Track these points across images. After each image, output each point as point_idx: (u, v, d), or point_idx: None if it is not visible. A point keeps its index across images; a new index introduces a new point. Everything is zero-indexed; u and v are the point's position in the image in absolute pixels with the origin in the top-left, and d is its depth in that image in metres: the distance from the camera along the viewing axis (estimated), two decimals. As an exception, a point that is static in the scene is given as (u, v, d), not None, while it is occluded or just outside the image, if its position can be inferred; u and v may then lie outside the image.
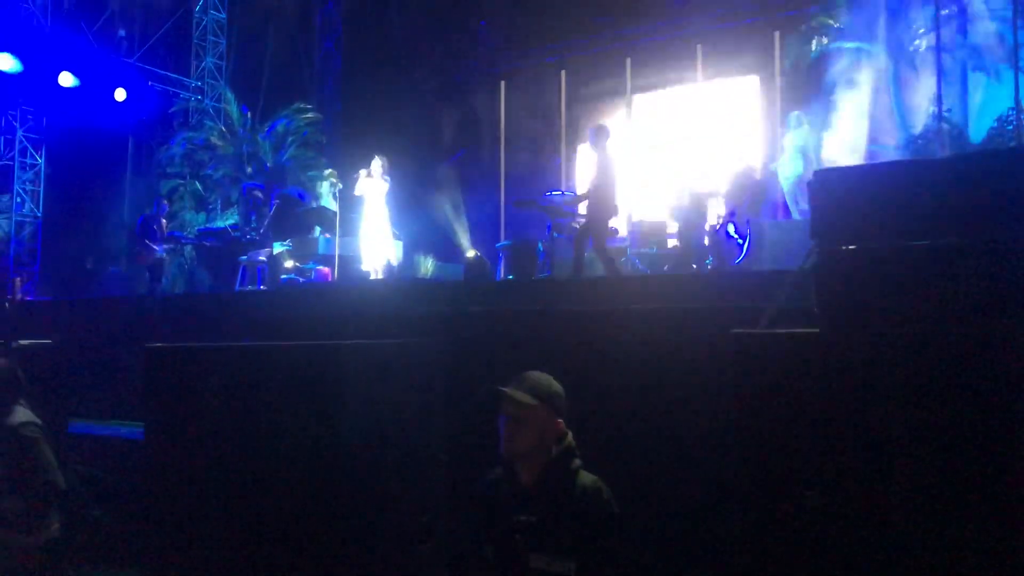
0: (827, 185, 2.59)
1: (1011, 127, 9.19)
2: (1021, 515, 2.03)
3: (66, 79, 13.66)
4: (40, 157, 15.24)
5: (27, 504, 4.16)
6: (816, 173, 2.61)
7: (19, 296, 12.42)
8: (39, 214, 15.28)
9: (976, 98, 10.38)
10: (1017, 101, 8.91)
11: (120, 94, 14.51)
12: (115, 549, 4.98)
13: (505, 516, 2.63)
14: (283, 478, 3.51)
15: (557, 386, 2.71)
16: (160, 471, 3.93)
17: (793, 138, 9.75)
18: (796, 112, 9.96)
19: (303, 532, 3.44)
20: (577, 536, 2.50)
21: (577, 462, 2.65)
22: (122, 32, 15.81)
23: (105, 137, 15.13)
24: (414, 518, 3.68)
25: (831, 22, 11.07)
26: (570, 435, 2.69)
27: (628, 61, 13.45)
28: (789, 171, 9.60)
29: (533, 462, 2.64)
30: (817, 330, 2.42)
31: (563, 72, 14.10)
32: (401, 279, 9.28)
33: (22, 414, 4.26)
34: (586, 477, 2.63)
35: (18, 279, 13.69)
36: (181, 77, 16.54)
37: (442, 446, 3.90)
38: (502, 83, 14.35)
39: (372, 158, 9.98)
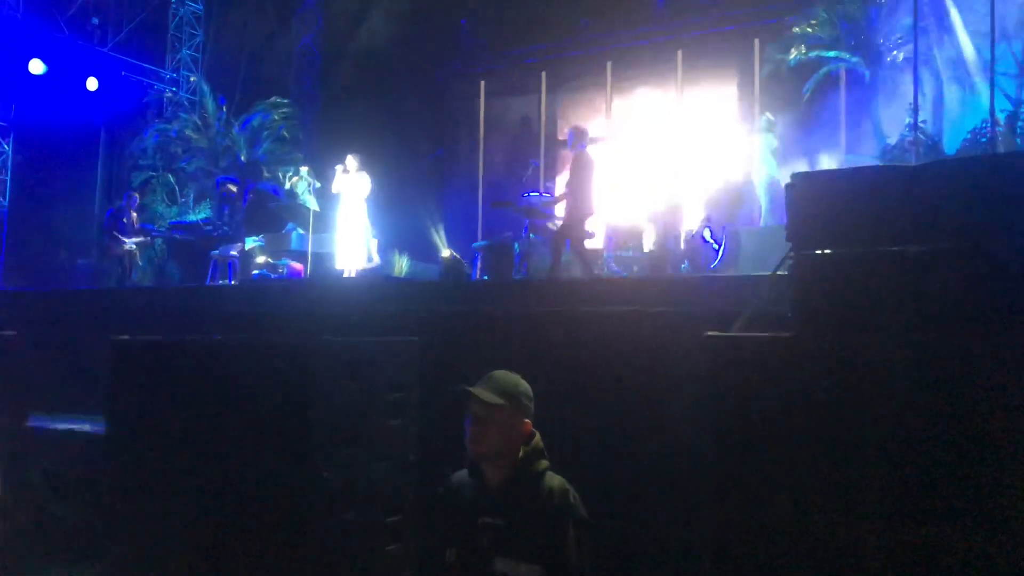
0: (803, 189, 2.58)
1: (984, 139, 9.30)
2: (993, 519, 2.02)
3: (36, 66, 13.43)
4: (7, 145, 14.95)
5: None
6: (793, 177, 2.60)
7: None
8: (4, 203, 14.98)
9: (951, 111, 10.51)
10: (992, 114, 9.02)
11: (92, 83, 14.30)
12: (76, 546, 4.88)
13: (470, 518, 2.58)
14: (250, 475, 3.44)
15: (525, 386, 2.67)
16: (123, 467, 3.85)
17: (763, 141, 9.79)
18: (766, 114, 9.99)
19: (269, 530, 3.38)
20: (543, 539, 2.46)
21: (544, 463, 2.61)
22: (95, 20, 15.56)
23: (76, 127, 14.88)
24: (383, 518, 3.63)
25: (810, 31, 11.15)
26: (538, 436, 2.65)
27: (609, 64, 13.48)
28: (762, 174, 9.64)
29: (500, 463, 2.59)
30: (791, 334, 2.41)
31: (543, 73, 14.09)
32: (375, 277, 9.20)
33: None
34: (553, 479, 2.59)
35: (-18, 269, 13.43)
36: (156, 68, 16.31)
37: (413, 446, 3.85)
38: (482, 83, 14.32)
39: (346, 154, 9.92)
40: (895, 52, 10.66)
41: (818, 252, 2.48)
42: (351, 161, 9.80)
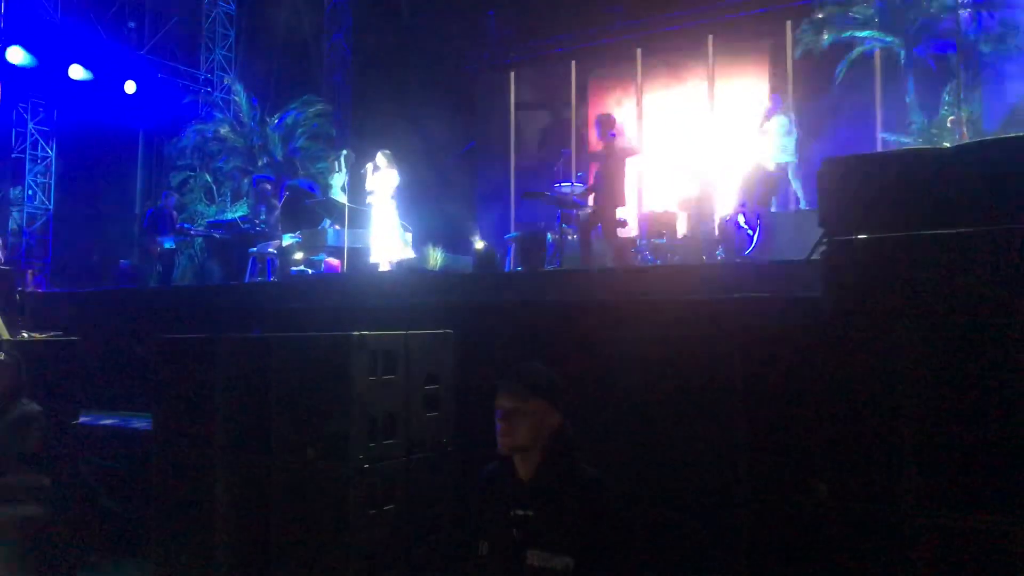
0: (835, 174, 2.56)
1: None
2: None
3: (77, 72, 13.72)
4: (51, 150, 15.31)
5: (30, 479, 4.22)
6: (824, 161, 2.58)
7: (31, 288, 12.49)
8: (50, 207, 15.36)
9: (991, 87, 10.25)
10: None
11: (130, 86, 14.55)
12: (126, 539, 5.02)
13: (503, 511, 2.58)
14: (292, 468, 3.52)
15: (554, 377, 2.66)
16: (169, 462, 3.95)
17: (777, 122, 9.68)
18: (778, 93, 9.87)
19: (312, 522, 3.45)
20: (575, 531, 2.45)
21: (576, 455, 2.60)
22: (132, 24, 15.83)
23: (115, 129, 15.19)
24: (422, 509, 3.68)
25: (843, 11, 10.94)
26: (569, 428, 2.64)
27: (639, 51, 13.38)
28: (782, 157, 9.55)
29: (531, 456, 2.58)
30: (824, 320, 2.40)
31: (573, 63, 14.04)
32: (410, 270, 9.26)
33: (28, 407, 4.30)
34: (585, 471, 2.57)
35: (30, 271, 13.77)
36: (191, 69, 16.55)
37: (450, 437, 3.89)
38: (512, 74, 14.31)
39: (377, 151, 9.99)
40: (931, 30, 10.42)
41: (852, 237, 2.46)
42: (381, 158, 9.87)
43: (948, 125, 9.54)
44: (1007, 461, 2.03)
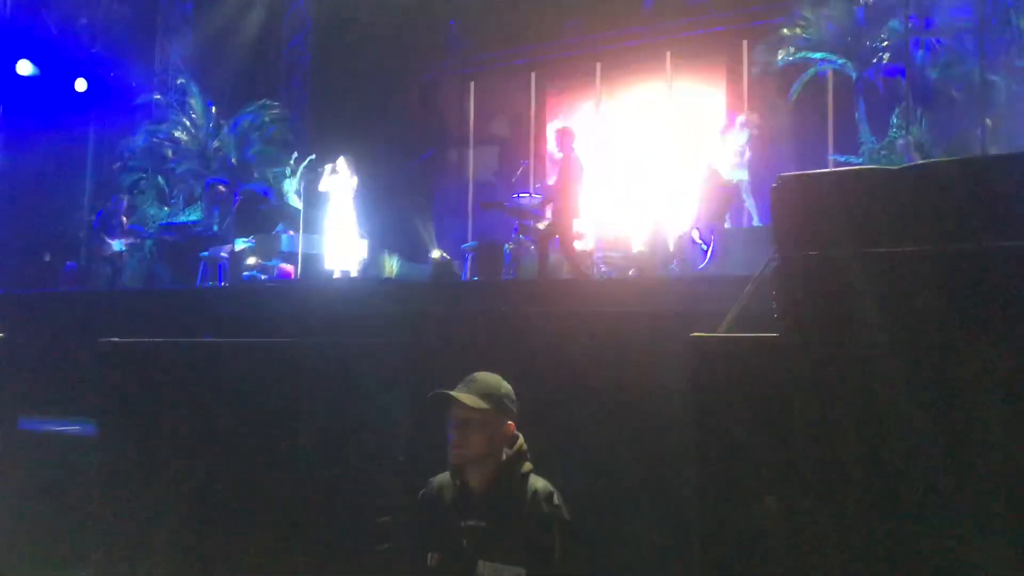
0: (788, 191, 2.59)
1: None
2: (979, 523, 2.05)
3: (24, 67, 13.37)
4: (-4, 147, 14.88)
5: None
6: (778, 178, 2.61)
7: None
8: (-8, 204, 14.91)
9: (938, 112, 10.55)
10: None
11: (81, 84, 14.22)
12: (63, 548, 4.87)
13: (453, 521, 2.57)
14: (239, 477, 3.45)
15: (507, 387, 2.64)
16: (111, 469, 3.85)
17: (736, 140, 9.82)
18: (741, 116, 10.01)
19: (259, 532, 3.38)
20: (527, 542, 2.45)
21: (528, 466, 2.59)
22: (83, 20, 15.49)
23: (65, 128, 14.81)
24: (372, 519, 3.64)
25: (797, 32, 11.20)
26: (521, 438, 2.62)
27: (598, 65, 13.51)
28: (732, 172, 9.67)
29: (483, 466, 2.57)
30: (777, 335, 2.43)
31: (533, 74, 14.11)
32: (365, 278, 9.20)
33: None
34: (537, 481, 2.57)
35: (-29, 272, 13.34)
36: (145, 68, 16.24)
37: (402, 447, 3.86)
38: (471, 84, 14.31)
39: (338, 156, 9.92)
40: (881, 54, 10.71)
41: (804, 254, 2.50)
42: (342, 163, 9.81)
43: (898, 149, 9.78)
44: (957, 476, 2.07)
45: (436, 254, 10.53)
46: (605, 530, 3.76)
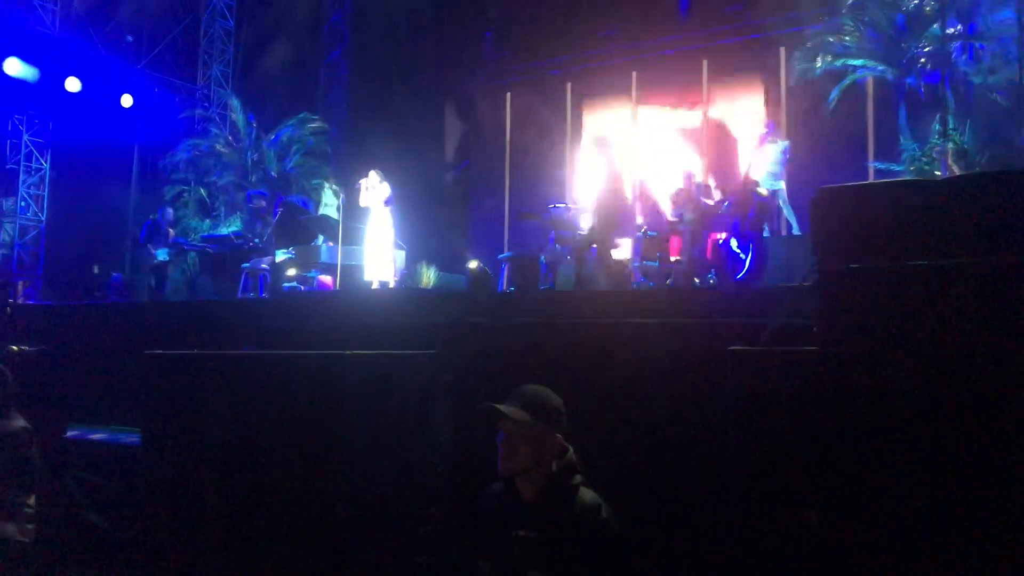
0: (829, 203, 2.58)
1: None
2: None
3: (73, 84, 13.74)
4: (45, 162, 15.29)
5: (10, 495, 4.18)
6: (819, 190, 2.60)
7: (21, 300, 12.43)
8: (43, 219, 15.32)
9: (984, 118, 10.36)
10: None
11: (126, 100, 14.58)
12: (112, 555, 4.97)
13: (504, 531, 2.60)
14: (281, 488, 3.50)
15: (555, 400, 2.66)
16: (157, 478, 3.93)
17: (769, 152, 9.77)
18: (773, 120, 9.97)
19: (301, 542, 3.43)
20: (576, 553, 2.47)
21: (578, 478, 2.61)
22: (130, 38, 15.90)
23: (111, 143, 15.18)
24: (413, 531, 3.66)
25: (836, 39, 11.07)
26: (571, 450, 2.64)
27: (634, 74, 13.49)
28: (770, 182, 9.64)
29: (533, 478, 2.60)
30: (816, 347, 2.41)
31: (569, 84, 14.14)
32: (403, 289, 9.27)
33: (14, 421, 4.27)
34: (586, 494, 2.58)
35: (20, 283, 13.71)
36: (188, 84, 16.61)
37: (441, 458, 3.88)
38: (508, 94, 14.40)
39: (371, 168, 10.04)
40: (923, 60, 10.55)
41: (844, 266, 2.48)
42: (374, 176, 9.90)
43: (936, 155, 9.63)
44: (1001, 490, 2.04)
45: (472, 264, 10.58)
46: (651, 542, 3.74)
